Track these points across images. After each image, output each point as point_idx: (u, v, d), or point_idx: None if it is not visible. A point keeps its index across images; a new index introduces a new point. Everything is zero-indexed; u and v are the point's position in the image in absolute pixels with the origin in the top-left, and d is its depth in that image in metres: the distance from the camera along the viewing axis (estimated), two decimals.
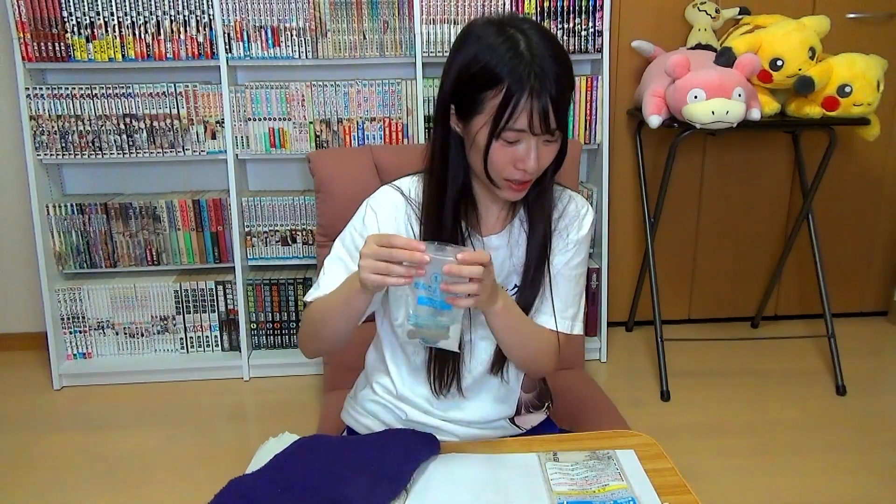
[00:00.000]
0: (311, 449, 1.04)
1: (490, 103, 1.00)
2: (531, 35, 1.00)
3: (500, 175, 1.05)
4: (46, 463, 2.13)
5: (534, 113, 0.98)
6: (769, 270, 2.93)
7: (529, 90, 0.97)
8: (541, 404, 1.27)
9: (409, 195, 1.16)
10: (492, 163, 1.03)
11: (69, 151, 2.45)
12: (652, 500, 0.95)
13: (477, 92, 1.01)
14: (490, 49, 1.00)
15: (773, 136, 2.79)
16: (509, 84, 0.97)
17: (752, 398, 2.43)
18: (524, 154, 1.02)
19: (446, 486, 0.99)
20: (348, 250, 1.15)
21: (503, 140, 1.01)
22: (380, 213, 1.14)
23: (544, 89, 0.97)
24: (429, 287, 0.93)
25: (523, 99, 0.97)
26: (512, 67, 0.97)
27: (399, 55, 2.44)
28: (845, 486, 1.96)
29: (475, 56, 1.01)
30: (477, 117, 1.02)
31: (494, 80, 0.98)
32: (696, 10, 2.55)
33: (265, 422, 2.38)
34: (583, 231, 1.17)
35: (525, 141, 1.01)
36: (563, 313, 1.16)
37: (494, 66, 0.98)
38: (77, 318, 2.58)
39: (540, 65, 0.97)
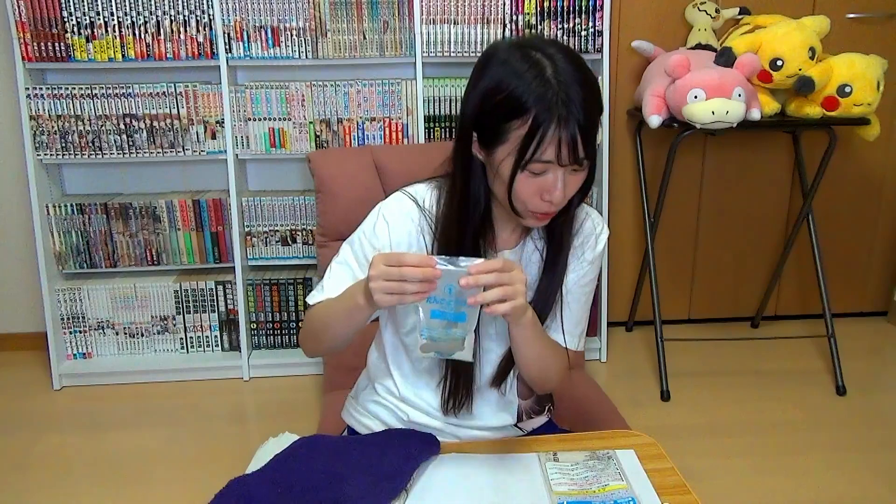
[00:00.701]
0: (311, 449, 1.04)
1: (515, 133, 0.95)
2: (557, 60, 0.95)
3: (525, 206, 1.01)
4: (46, 463, 2.13)
5: (562, 144, 0.94)
6: (769, 270, 2.93)
7: (557, 119, 0.93)
8: (541, 408, 1.26)
9: (423, 205, 1.11)
10: (516, 194, 1.00)
11: (69, 151, 2.45)
12: (652, 500, 0.95)
13: (501, 121, 0.96)
14: (515, 75, 0.95)
15: (773, 136, 2.79)
16: (536, 113, 0.93)
17: (752, 398, 2.43)
18: (551, 185, 0.98)
19: (446, 487, 0.99)
20: (356, 256, 1.12)
21: (529, 171, 0.97)
22: (392, 222, 1.10)
23: (572, 117, 0.93)
24: (442, 300, 0.92)
25: (551, 129, 0.93)
26: (539, 95, 0.93)
27: (399, 55, 2.44)
28: (845, 486, 1.96)
29: (499, 83, 0.96)
30: (501, 147, 0.98)
31: (520, 110, 0.94)
32: (696, 10, 2.55)
33: (265, 422, 2.38)
34: (597, 250, 1.15)
35: (552, 171, 0.97)
36: (572, 331, 1.15)
37: (520, 94, 0.94)
38: (77, 318, 2.58)
39: (567, 91, 0.93)
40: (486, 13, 2.41)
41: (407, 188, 1.15)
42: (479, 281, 0.90)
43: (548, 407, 1.29)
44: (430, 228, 1.10)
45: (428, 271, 0.90)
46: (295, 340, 2.66)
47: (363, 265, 1.11)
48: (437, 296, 0.92)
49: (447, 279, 0.91)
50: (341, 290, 1.09)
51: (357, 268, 1.12)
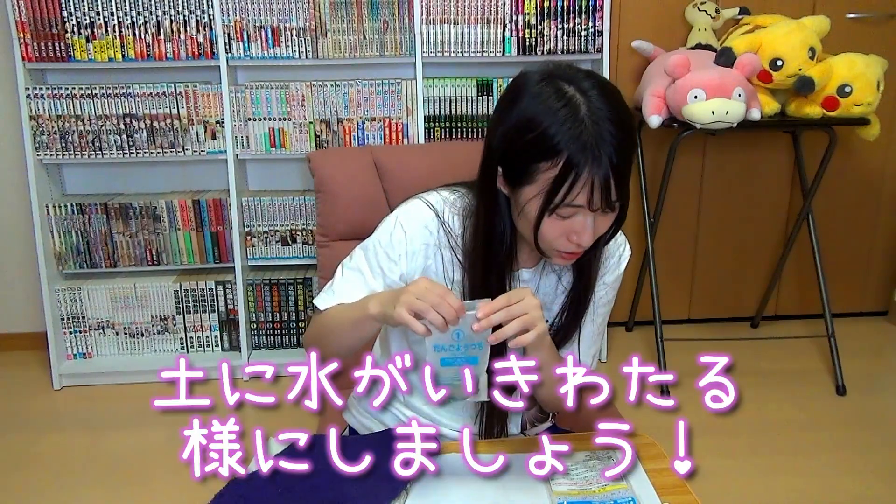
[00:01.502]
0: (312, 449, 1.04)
1: (544, 175, 0.90)
2: (592, 96, 0.89)
3: (551, 246, 0.97)
4: (46, 463, 2.13)
5: (594, 189, 0.89)
6: (769, 270, 2.93)
7: (590, 163, 0.87)
8: (545, 416, 1.25)
9: (443, 217, 1.06)
10: (543, 236, 0.95)
11: (69, 151, 2.45)
12: (652, 500, 0.95)
13: (530, 161, 0.91)
14: (547, 113, 0.89)
15: (773, 136, 2.79)
16: (569, 156, 0.87)
17: (752, 398, 2.43)
18: (580, 228, 0.93)
19: (446, 486, 0.99)
20: (369, 263, 1.09)
21: (557, 215, 0.93)
22: (409, 232, 1.06)
23: (605, 160, 0.87)
24: (450, 347, 0.92)
25: (584, 174, 0.88)
26: (572, 137, 0.87)
27: (399, 55, 2.44)
28: (845, 486, 1.96)
29: (531, 120, 0.90)
30: (528, 187, 0.93)
31: (552, 152, 0.88)
32: (696, 10, 2.55)
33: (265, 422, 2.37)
34: (619, 270, 1.14)
35: (581, 214, 0.92)
36: (586, 351, 1.14)
37: (553, 134, 0.88)
38: (77, 318, 2.58)
39: (600, 133, 0.87)
40: (486, 13, 2.41)
41: (426, 196, 1.09)
42: (490, 322, 0.89)
43: (552, 413, 1.28)
44: (450, 244, 1.07)
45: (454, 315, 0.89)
46: (295, 340, 2.66)
47: (377, 274, 1.08)
48: (443, 343, 0.92)
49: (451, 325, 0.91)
50: (351, 296, 1.07)
51: (370, 275, 1.09)
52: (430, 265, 1.07)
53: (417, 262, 1.07)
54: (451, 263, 1.07)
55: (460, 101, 2.47)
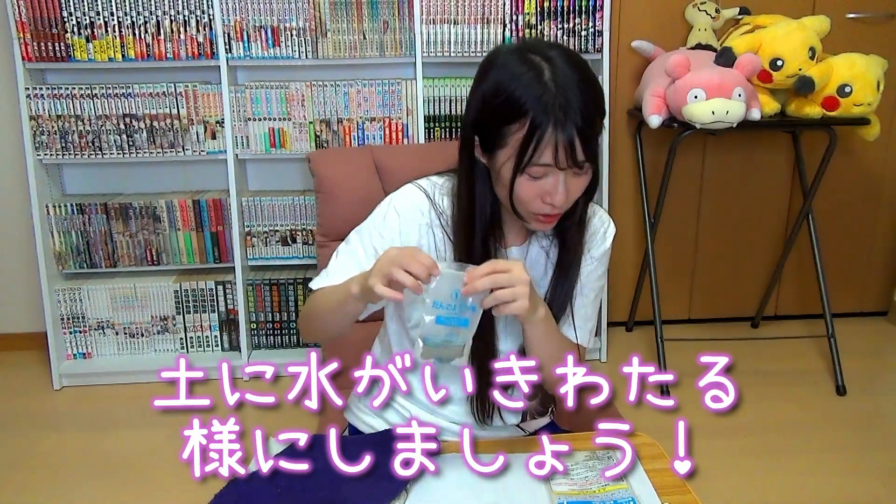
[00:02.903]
0: (311, 449, 1.04)
1: (514, 137, 0.95)
2: (556, 62, 0.95)
3: (528, 209, 1.01)
4: (46, 463, 2.13)
5: (559, 147, 0.93)
6: (769, 270, 2.93)
7: (554, 123, 0.92)
8: (545, 410, 1.26)
9: (433, 198, 1.11)
10: (517, 197, 1.00)
11: (69, 151, 2.45)
12: (652, 500, 0.95)
13: (500, 125, 0.96)
14: (513, 79, 0.95)
15: (773, 136, 2.79)
16: (533, 116, 0.92)
17: (752, 398, 2.43)
18: (552, 188, 0.97)
19: (446, 486, 0.99)
20: (363, 245, 1.13)
21: (528, 175, 0.97)
22: (402, 214, 1.11)
23: (570, 121, 0.92)
24: (448, 306, 0.92)
25: (548, 132, 0.92)
26: (536, 98, 0.93)
27: (399, 55, 2.44)
28: (845, 486, 1.96)
29: (498, 86, 0.96)
30: (501, 151, 0.98)
31: (517, 114, 0.94)
32: (696, 10, 2.55)
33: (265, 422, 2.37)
34: (605, 245, 1.16)
35: (552, 175, 0.97)
36: (582, 326, 1.15)
37: (518, 97, 0.94)
38: (77, 318, 2.58)
39: (565, 95, 0.92)
40: (486, 13, 2.41)
41: (419, 181, 1.15)
42: (475, 287, 0.91)
43: (550, 409, 1.28)
44: (440, 223, 1.11)
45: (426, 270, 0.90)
46: (295, 340, 2.66)
47: (369, 254, 1.11)
48: (443, 302, 0.92)
49: (453, 284, 0.92)
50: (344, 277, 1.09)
51: (363, 256, 1.12)
52: (423, 244, 1.11)
53: (411, 242, 1.10)
54: (442, 242, 1.11)
55: (460, 101, 2.47)
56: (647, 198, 2.61)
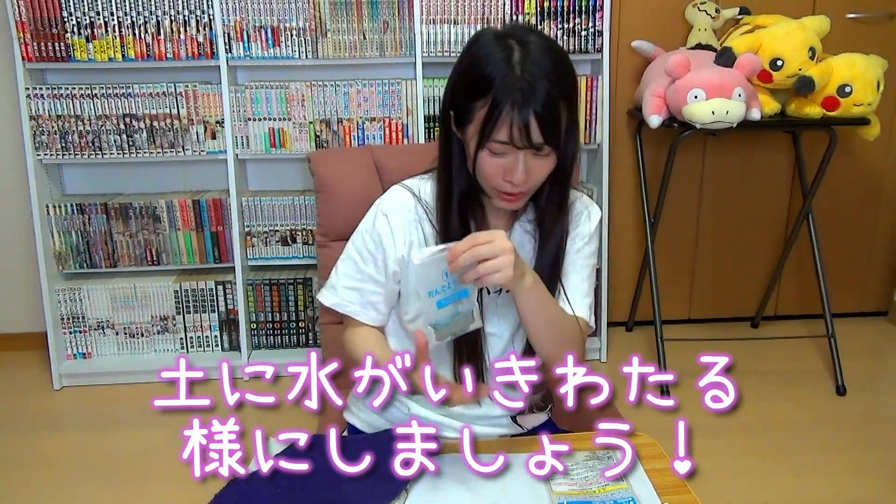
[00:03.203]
0: (311, 449, 1.04)
1: (479, 113, 1.00)
2: (530, 47, 0.98)
3: (490, 185, 1.05)
4: (46, 463, 2.13)
5: (514, 126, 0.97)
6: (769, 270, 2.93)
7: (512, 103, 0.96)
8: (545, 405, 1.27)
9: (419, 195, 1.15)
10: (480, 172, 1.04)
11: (69, 151, 2.45)
12: (652, 500, 0.95)
13: (469, 101, 1.01)
14: (485, 59, 1.00)
15: (773, 136, 2.79)
16: (494, 94, 0.97)
17: (752, 398, 2.43)
18: (511, 166, 1.01)
19: (446, 486, 0.99)
20: (359, 251, 1.16)
21: (489, 151, 1.01)
22: (390, 215, 1.14)
23: (528, 103, 0.96)
24: (443, 288, 0.94)
25: (505, 110, 0.96)
26: (500, 78, 0.97)
27: (399, 55, 2.44)
28: (845, 486, 1.96)
29: (471, 64, 1.02)
30: (469, 126, 1.03)
31: (483, 90, 0.98)
32: (696, 10, 2.55)
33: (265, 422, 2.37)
34: (592, 223, 1.18)
35: (511, 153, 1.00)
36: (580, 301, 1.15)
37: (486, 75, 0.98)
38: (77, 318, 2.58)
39: (529, 79, 0.96)
40: (486, 13, 2.41)
41: (404, 181, 1.18)
42: (458, 264, 0.92)
43: (549, 406, 1.29)
44: (428, 218, 1.13)
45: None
46: (295, 340, 2.66)
47: (366, 259, 1.15)
48: (437, 287, 0.94)
49: (440, 266, 0.93)
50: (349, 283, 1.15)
51: (360, 260, 1.15)
52: (413, 240, 1.14)
53: (403, 240, 1.13)
54: (432, 235, 1.13)
55: None
56: (647, 198, 2.61)
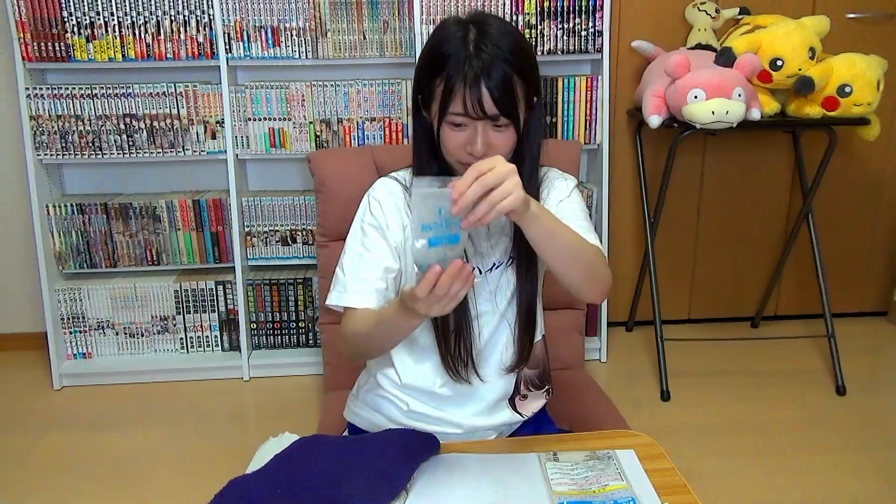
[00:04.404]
0: (311, 449, 1.04)
1: (438, 90, 1.06)
2: (487, 28, 1.05)
3: (455, 159, 1.10)
4: (46, 463, 2.13)
5: (467, 98, 1.02)
6: (769, 270, 2.93)
7: (464, 76, 1.02)
8: (541, 384, 1.28)
9: (405, 182, 1.22)
10: (444, 146, 1.10)
11: (69, 151, 2.45)
12: (652, 500, 0.95)
13: (430, 79, 1.08)
14: (444, 40, 1.06)
15: (773, 136, 2.79)
16: (448, 69, 1.03)
17: (752, 398, 2.43)
18: (471, 137, 1.06)
19: (446, 486, 0.99)
20: (362, 243, 1.18)
21: (450, 124, 1.07)
22: (382, 200, 1.19)
23: (480, 74, 1.02)
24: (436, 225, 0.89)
25: (457, 83, 1.03)
26: (454, 54, 1.03)
27: (399, 55, 2.44)
28: (845, 486, 1.96)
29: (432, 45, 1.09)
30: (433, 104, 1.09)
31: (440, 67, 1.05)
32: (696, 10, 2.55)
33: (265, 422, 2.38)
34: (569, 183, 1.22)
35: (470, 126, 1.06)
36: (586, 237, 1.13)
37: (442, 53, 1.05)
38: (77, 318, 2.58)
39: (480, 55, 1.02)
40: None
41: (389, 174, 1.25)
42: (466, 200, 0.87)
43: (547, 388, 1.29)
44: None
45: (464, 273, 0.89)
46: (295, 340, 2.66)
47: (373, 249, 1.16)
48: (429, 222, 0.89)
49: (435, 201, 0.88)
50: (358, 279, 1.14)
51: (367, 253, 1.17)
52: (406, 224, 1.18)
53: (397, 224, 1.18)
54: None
55: None
56: (647, 198, 2.61)
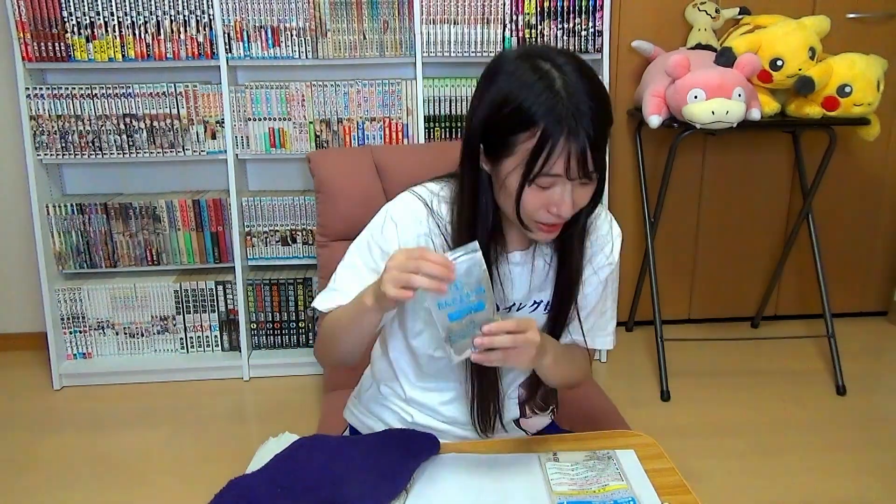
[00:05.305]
0: (311, 449, 1.04)
1: (523, 146, 0.93)
2: (567, 71, 0.93)
3: (532, 218, 0.99)
4: (46, 463, 2.13)
5: (571, 157, 0.92)
6: (769, 270, 2.93)
7: (566, 133, 0.90)
8: (546, 406, 1.26)
9: (432, 206, 1.09)
10: (524, 208, 0.98)
11: (69, 151, 2.45)
12: (652, 500, 0.95)
13: (509, 134, 0.94)
14: (524, 87, 0.93)
15: (773, 136, 2.79)
16: (545, 126, 0.91)
17: (752, 398, 2.43)
18: (559, 199, 0.96)
19: (446, 486, 0.99)
20: (363, 259, 1.10)
21: (537, 185, 0.95)
22: (400, 223, 1.08)
23: (582, 130, 0.90)
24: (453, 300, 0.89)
25: (560, 143, 0.91)
26: (548, 108, 0.91)
27: (399, 55, 2.44)
28: (845, 486, 1.96)
29: (508, 94, 0.94)
30: (508, 160, 0.96)
31: (529, 123, 0.92)
32: (696, 10, 2.55)
33: (265, 422, 2.38)
34: (615, 255, 1.16)
35: (560, 185, 0.95)
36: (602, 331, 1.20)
37: (529, 106, 0.92)
38: (77, 318, 2.58)
39: (576, 105, 0.91)
40: (486, 13, 2.41)
41: (415, 188, 1.12)
42: (493, 342, 0.90)
43: (552, 408, 1.28)
44: (440, 231, 1.07)
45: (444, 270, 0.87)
46: (295, 340, 2.66)
47: (370, 267, 1.09)
48: (445, 299, 0.89)
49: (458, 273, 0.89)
50: (348, 292, 1.07)
51: (364, 270, 1.09)
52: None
53: None
54: (442, 250, 1.06)
55: (460, 101, 2.47)
56: (647, 198, 2.61)
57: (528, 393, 1.21)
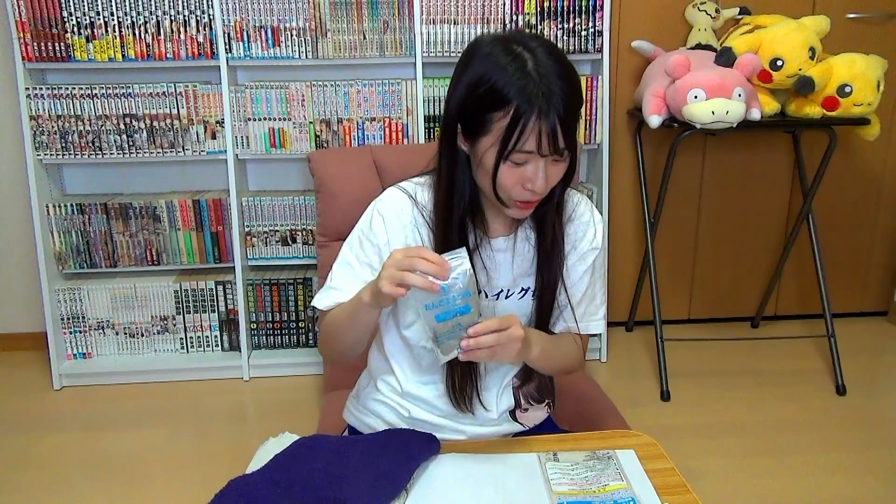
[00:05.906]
0: (311, 449, 1.04)
1: (498, 125, 0.98)
2: (539, 53, 0.98)
3: (509, 195, 1.04)
4: (46, 463, 2.13)
5: (542, 134, 0.96)
6: (769, 270, 2.93)
7: (538, 111, 0.95)
8: (541, 398, 1.27)
9: (416, 198, 1.14)
10: (500, 184, 1.02)
11: (69, 151, 2.45)
12: (652, 500, 0.95)
13: (484, 113, 0.99)
14: (498, 69, 0.98)
15: (773, 136, 2.79)
16: (517, 105, 0.96)
17: (752, 398, 2.43)
18: (532, 175, 1.00)
19: (446, 486, 0.99)
20: (355, 254, 1.14)
21: (511, 162, 1.00)
22: (387, 217, 1.13)
23: (552, 109, 0.95)
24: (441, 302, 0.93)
25: (532, 120, 0.96)
26: (520, 88, 0.96)
27: (399, 55, 2.44)
28: (845, 486, 1.96)
29: (482, 76, 0.99)
30: (484, 138, 1.01)
31: (502, 102, 0.97)
32: (696, 10, 2.55)
33: (265, 422, 2.38)
34: (598, 239, 1.19)
35: (533, 162, 1.00)
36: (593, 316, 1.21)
37: (502, 86, 0.96)
38: (77, 318, 2.58)
39: (547, 84, 0.96)
40: (486, 13, 2.41)
41: (400, 183, 1.17)
42: (479, 343, 0.94)
43: (548, 402, 1.29)
44: (425, 221, 1.12)
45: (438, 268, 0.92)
46: (296, 340, 2.66)
47: (364, 262, 1.13)
48: (433, 301, 0.93)
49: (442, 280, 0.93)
50: (344, 289, 1.12)
51: (358, 265, 1.14)
52: (410, 244, 1.13)
53: (400, 243, 1.12)
54: (429, 239, 1.12)
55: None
56: (647, 198, 2.61)
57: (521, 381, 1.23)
